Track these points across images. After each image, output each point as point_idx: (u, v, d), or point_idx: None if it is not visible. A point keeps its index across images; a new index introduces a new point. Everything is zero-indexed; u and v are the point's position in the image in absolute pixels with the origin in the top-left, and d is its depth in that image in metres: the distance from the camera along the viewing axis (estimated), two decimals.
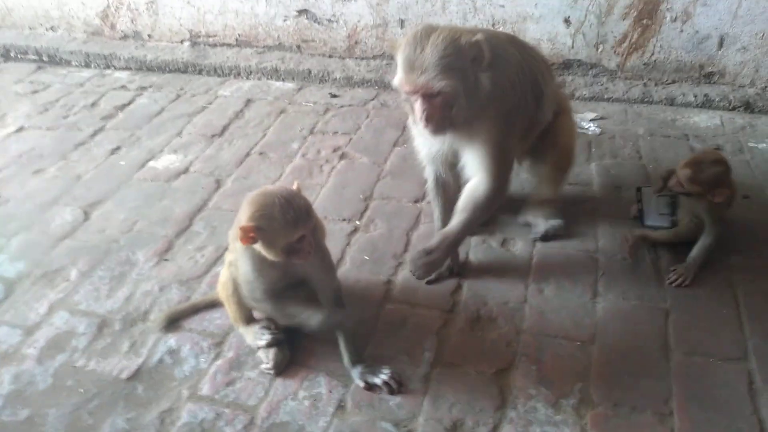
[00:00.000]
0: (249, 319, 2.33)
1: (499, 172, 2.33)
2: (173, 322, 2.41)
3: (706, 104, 3.77)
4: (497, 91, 2.18)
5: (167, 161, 3.45)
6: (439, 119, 2.15)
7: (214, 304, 2.44)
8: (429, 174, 2.59)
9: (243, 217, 1.94)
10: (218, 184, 3.23)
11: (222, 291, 2.29)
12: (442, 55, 2.04)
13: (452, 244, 2.40)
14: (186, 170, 3.36)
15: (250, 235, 1.90)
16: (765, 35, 3.64)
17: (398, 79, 2.14)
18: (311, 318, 2.10)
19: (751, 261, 2.58)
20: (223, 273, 2.28)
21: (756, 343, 2.22)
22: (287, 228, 1.92)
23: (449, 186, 2.58)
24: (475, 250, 2.74)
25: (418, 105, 2.14)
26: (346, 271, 2.63)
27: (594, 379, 2.13)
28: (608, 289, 2.48)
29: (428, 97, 2.11)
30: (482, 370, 2.18)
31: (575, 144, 2.88)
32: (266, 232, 1.91)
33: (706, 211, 2.53)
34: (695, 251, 2.54)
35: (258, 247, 1.96)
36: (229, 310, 2.31)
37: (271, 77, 4.35)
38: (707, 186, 2.45)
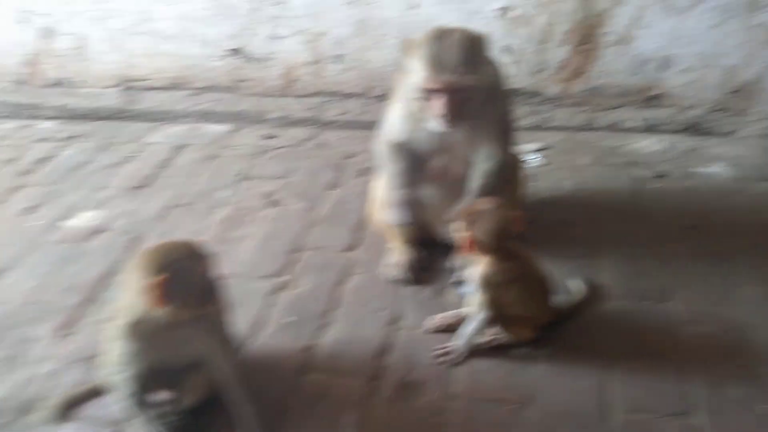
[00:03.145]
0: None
1: (506, 146, 2.51)
2: (69, 409, 2.16)
3: (652, 128, 3.65)
4: (497, 80, 2.43)
5: (85, 219, 3.22)
6: (458, 113, 2.28)
7: None
8: (390, 147, 2.55)
9: (137, 281, 1.75)
10: (137, 242, 3.01)
11: None
12: (468, 51, 2.21)
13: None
14: (104, 228, 3.13)
15: (163, 291, 1.70)
16: (706, 55, 3.54)
17: (423, 78, 2.24)
18: None
19: (693, 305, 2.40)
20: None
21: (699, 395, 2.05)
22: (195, 263, 1.78)
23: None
24: (407, 302, 2.54)
25: (440, 101, 2.25)
26: (266, 337, 2.41)
27: None
28: (548, 340, 2.29)
29: (453, 93, 2.22)
30: None
31: (524, 181, 2.79)
32: (178, 279, 1.73)
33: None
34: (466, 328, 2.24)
35: (171, 308, 1.75)
36: None
37: (205, 120, 4.16)
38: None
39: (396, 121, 2.54)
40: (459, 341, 2.24)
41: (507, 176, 2.57)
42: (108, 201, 3.36)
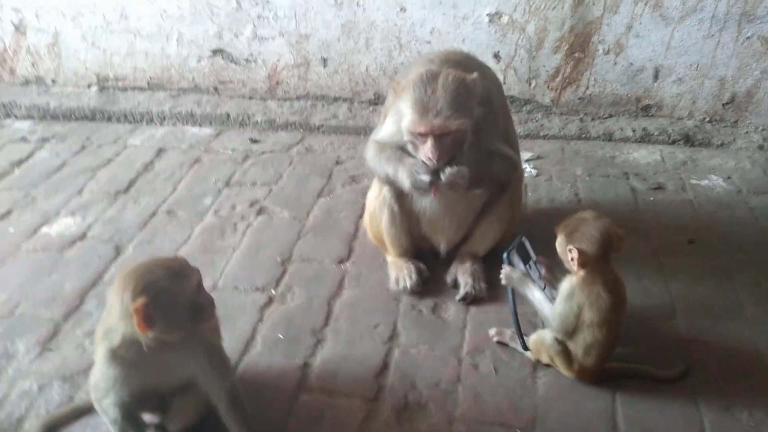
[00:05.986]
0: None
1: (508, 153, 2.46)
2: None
3: (645, 138, 3.62)
4: (489, 115, 2.36)
5: (62, 226, 3.06)
6: (447, 154, 2.25)
7: None
8: (381, 144, 2.48)
9: (118, 305, 1.64)
10: (117, 251, 2.87)
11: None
12: (455, 95, 2.18)
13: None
14: (83, 236, 2.98)
15: (146, 315, 1.58)
16: (699, 66, 3.52)
17: (410, 121, 2.23)
18: None
19: (699, 324, 2.34)
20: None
21: (712, 419, 2.00)
22: (180, 281, 1.66)
23: None
24: (403, 318, 2.45)
25: (429, 145, 2.22)
26: (256, 354, 2.30)
27: None
28: None
29: (441, 136, 2.20)
30: None
31: (521, 196, 2.71)
32: (162, 300, 1.61)
33: None
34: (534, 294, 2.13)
35: (157, 331, 1.64)
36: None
37: (187, 122, 4.02)
38: None
39: (388, 134, 2.46)
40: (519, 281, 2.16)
41: (506, 181, 2.53)
42: (86, 207, 3.20)
